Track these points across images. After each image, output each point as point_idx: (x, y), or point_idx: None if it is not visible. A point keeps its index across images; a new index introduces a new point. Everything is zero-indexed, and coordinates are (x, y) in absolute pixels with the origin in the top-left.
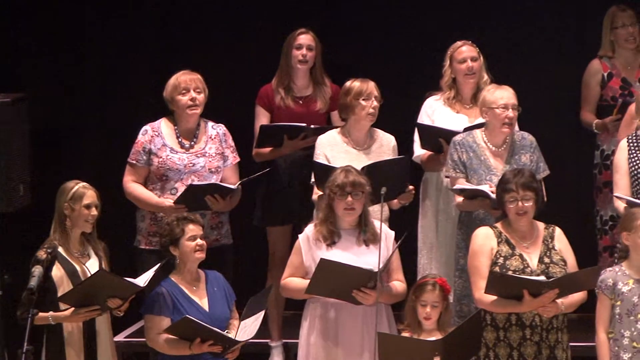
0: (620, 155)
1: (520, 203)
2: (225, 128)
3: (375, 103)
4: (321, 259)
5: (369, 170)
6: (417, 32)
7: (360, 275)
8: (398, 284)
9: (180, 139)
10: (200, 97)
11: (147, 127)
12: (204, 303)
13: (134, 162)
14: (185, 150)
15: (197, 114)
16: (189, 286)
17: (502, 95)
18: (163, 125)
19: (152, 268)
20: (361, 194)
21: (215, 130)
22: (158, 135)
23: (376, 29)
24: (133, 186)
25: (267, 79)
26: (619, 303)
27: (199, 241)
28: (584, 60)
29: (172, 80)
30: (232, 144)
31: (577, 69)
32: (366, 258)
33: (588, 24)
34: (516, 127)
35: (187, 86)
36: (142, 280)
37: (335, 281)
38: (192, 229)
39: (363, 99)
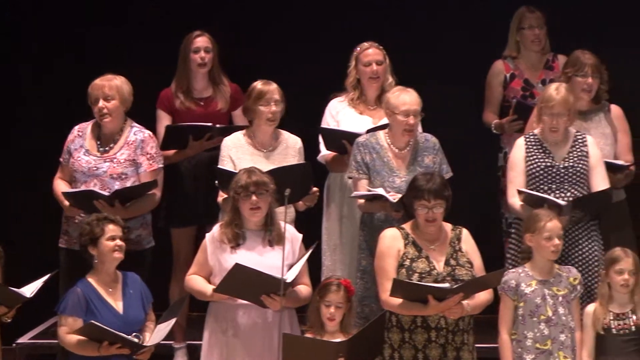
0: (517, 153)
1: (430, 212)
2: (148, 134)
3: (274, 108)
4: (236, 263)
5: (271, 174)
6: (326, 32)
7: (270, 282)
8: (303, 287)
9: (99, 142)
10: (110, 104)
11: (77, 126)
12: (118, 306)
13: (61, 160)
14: (100, 154)
15: (109, 121)
16: (105, 288)
17: (405, 102)
18: (90, 126)
19: (41, 279)
20: (265, 192)
21: (135, 136)
22: (81, 136)
23: (284, 29)
24: (55, 183)
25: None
26: (522, 304)
27: (118, 242)
28: (489, 61)
29: (89, 88)
30: (151, 150)
31: (483, 70)
32: (270, 258)
33: (494, 25)
34: (419, 129)
35: (96, 96)
36: (29, 290)
37: (245, 285)
38: (111, 229)
39: (264, 103)
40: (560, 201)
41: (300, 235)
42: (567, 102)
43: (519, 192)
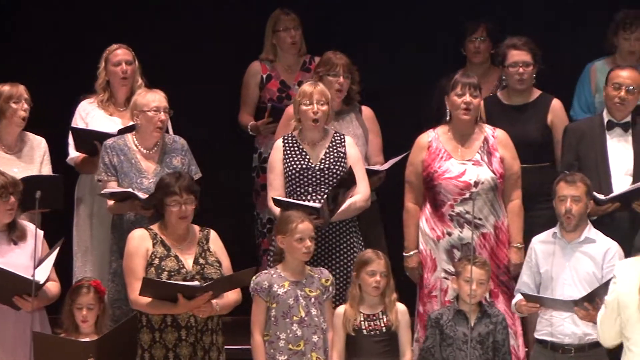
0: (275, 156)
1: (183, 207)
2: None
3: (25, 106)
4: None
5: (23, 181)
6: (68, 32)
7: (23, 283)
8: (52, 284)
9: None
10: None
11: None
12: None
13: None
14: None
15: None
16: None
17: (154, 99)
18: None
19: None
20: (18, 192)
21: None
22: None
23: (27, 29)
24: None
25: None
26: (274, 305)
27: None
28: (246, 62)
29: None
30: None
31: (239, 71)
32: (16, 257)
33: (252, 25)
34: (170, 131)
35: None
36: None
37: None
38: None
39: (13, 102)
40: (314, 204)
41: (42, 232)
42: (326, 92)
43: (276, 201)
